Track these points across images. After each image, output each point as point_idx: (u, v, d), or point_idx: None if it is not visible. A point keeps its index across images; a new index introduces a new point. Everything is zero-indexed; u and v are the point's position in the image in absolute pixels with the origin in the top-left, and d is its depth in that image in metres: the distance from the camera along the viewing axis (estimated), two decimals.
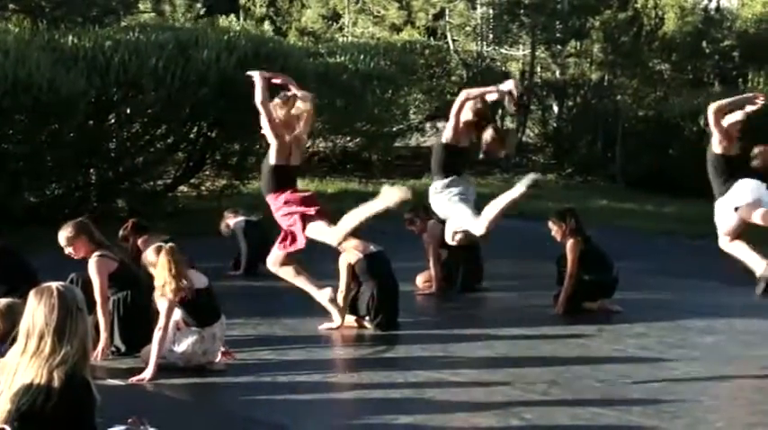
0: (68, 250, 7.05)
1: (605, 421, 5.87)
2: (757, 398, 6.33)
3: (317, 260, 9.35)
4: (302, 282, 7.37)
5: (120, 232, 8.57)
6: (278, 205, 7.08)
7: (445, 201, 7.05)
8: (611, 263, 8.72)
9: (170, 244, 6.73)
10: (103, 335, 6.82)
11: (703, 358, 7.29)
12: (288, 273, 7.31)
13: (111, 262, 6.98)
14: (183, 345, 6.67)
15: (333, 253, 8.20)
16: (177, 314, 6.70)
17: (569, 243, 8.55)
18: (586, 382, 6.62)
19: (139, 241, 8.33)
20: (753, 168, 7.45)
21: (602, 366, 6.98)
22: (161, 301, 6.53)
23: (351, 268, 7.99)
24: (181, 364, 6.64)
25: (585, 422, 5.88)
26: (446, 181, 7.11)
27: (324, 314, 7.95)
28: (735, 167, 7.37)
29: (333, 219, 7.57)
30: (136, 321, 6.91)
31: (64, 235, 7.04)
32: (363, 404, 6.29)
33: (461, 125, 7.14)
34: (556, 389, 6.50)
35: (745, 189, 7.19)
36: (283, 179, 7.11)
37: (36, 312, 3.88)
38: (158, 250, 6.62)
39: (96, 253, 6.93)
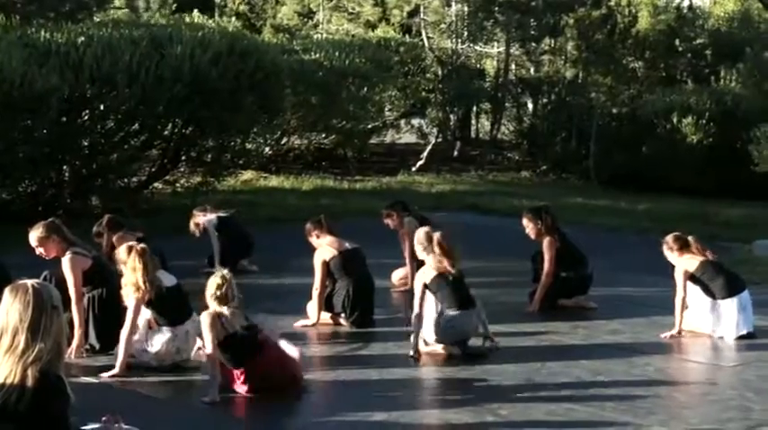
0: (39, 250, 7.00)
1: (579, 417, 5.91)
2: (730, 394, 6.38)
3: (293, 255, 9.36)
4: None
5: (95, 228, 8.51)
6: None
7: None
8: (586, 259, 8.75)
9: (141, 245, 6.71)
10: (78, 332, 6.78)
11: (677, 354, 7.34)
12: None
13: (85, 259, 6.94)
14: (156, 345, 6.64)
15: (309, 249, 8.20)
16: (148, 313, 6.69)
17: (546, 241, 8.56)
18: (561, 379, 6.65)
19: (114, 238, 8.27)
20: None
21: (577, 362, 7.01)
22: (128, 300, 6.52)
23: (326, 265, 7.98)
24: (154, 364, 6.62)
25: (560, 418, 5.91)
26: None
27: (300, 312, 7.94)
28: None
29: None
30: (111, 318, 6.87)
31: (35, 235, 7.00)
32: (339, 401, 6.29)
33: None
34: (531, 386, 6.52)
35: None
36: None
37: (10, 309, 3.85)
38: (129, 250, 6.60)
39: (70, 251, 6.89)
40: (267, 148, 17.57)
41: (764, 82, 17.35)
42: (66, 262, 6.87)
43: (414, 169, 18.27)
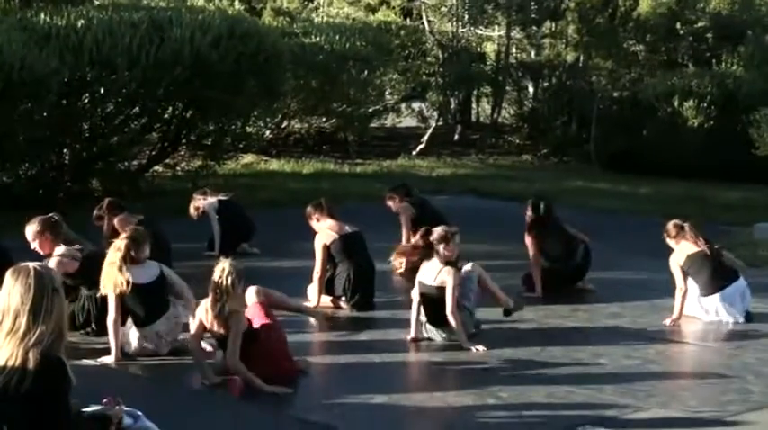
0: (34, 245, 6.97)
1: (579, 399, 5.92)
2: (730, 377, 6.40)
3: (293, 239, 9.36)
4: None
5: (95, 212, 8.50)
6: None
7: None
8: (575, 247, 8.74)
9: (126, 239, 6.60)
10: None
11: (677, 337, 7.36)
12: None
13: (72, 263, 6.82)
14: (132, 342, 6.63)
15: (309, 232, 8.21)
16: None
17: (528, 238, 8.62)
18: (561, 361, 6.67)
19: (115, 220, 8.27)
20: None
21: (577, 346, 7.03)
22: (106, 291, 6.48)
23: (326, 249, 7.99)
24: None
25: (560, 400, 5.93)
26: None
27: (300, 295, 7.95)
28: None
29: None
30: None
31: (30, 230, 6.97)
32: (339, 384, 6.31)
33: None
34: (531, 369, 6.54)
35: None
36: None
37: (12, 291, 3.86)
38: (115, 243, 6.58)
39: (57, 254, 6.81)
40: (267, 132, 17.56)
41: (766, 65, 17.29)
42: (50, 264, 6.80)
43: (414, 153, 18.26)
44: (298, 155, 17.50)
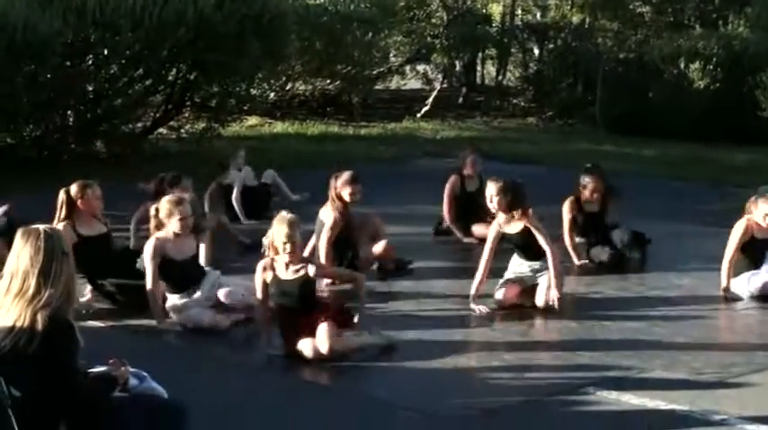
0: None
1: (584, 361, 5.94)
2: (732, 339, 6.42)
3: (299, 203, 9.34)
4: None
5: (152, 186, 8.18)
6: None
7: None
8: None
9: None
10: None
11: (680, 300, 7.36)
12: None
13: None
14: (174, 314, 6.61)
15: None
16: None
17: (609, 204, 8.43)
18: (565, 324, 6.68)
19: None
20: None
21: (582, 309, 7.04)
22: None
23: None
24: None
25: (564, 362, 5.95)
26: None
27: None
28: None
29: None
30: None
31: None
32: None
33: None
34: (535, 331, 6.56)
35: None
36: None
37: (21, 253, 3.87)
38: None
39: None
40: (272, 94, 17.50)
41: None
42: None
43: (419, 115, 18.19)
44: (302, 117, 17.44)
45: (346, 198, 7.53)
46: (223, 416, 5.01)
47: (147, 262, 6.41)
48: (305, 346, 5.80)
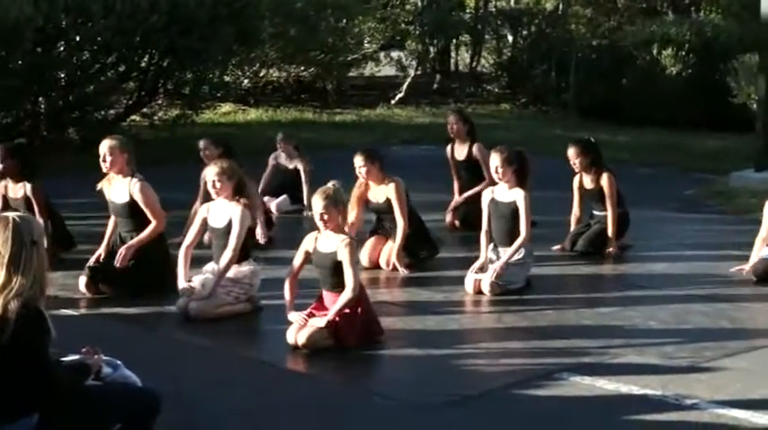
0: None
1: (558, 346, 5.97)
2: (704, 322, 6.45)
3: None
4: None
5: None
6: None
7: None
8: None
9: None
10: None
11: (653, 285, 7.40)
12: None
13: None
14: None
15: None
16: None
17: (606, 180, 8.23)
18: (540, 311, 6.69)
19: None
20: None
21: (557, 294, 7.08)
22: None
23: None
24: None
25: (540, 348, 5.97)
26: None
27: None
28: None
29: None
30: None
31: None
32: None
33: None
34: (511, 318, 6.58)
35: None
36: None
37: None
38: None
39: None
40: (246, 81, 17.41)
41: (743, 13, 17.24)
42: None
43: (393, 102, 18.17)
44: (276, 104, 17.37)
45: None
46: (202, 404, 5.00)
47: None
48: (290, 331, 5.80)
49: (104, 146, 6.97)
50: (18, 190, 7.60)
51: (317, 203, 5.88)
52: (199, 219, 6.70)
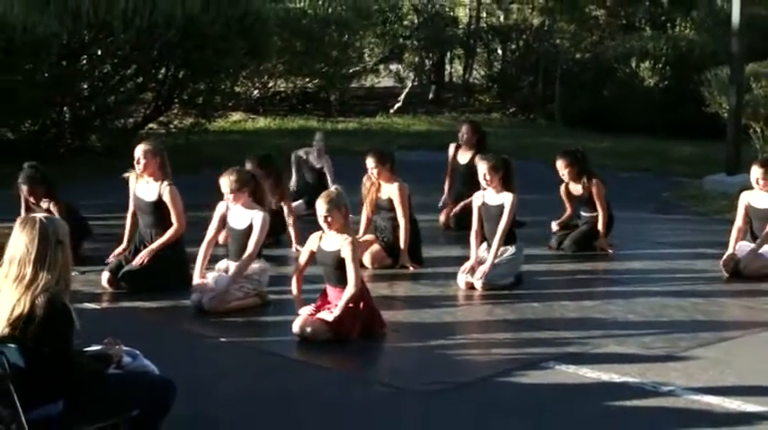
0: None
1: (545, 337, 5.98)
2: (679, 316, 6.46)
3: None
4: None
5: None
6: None
7: None
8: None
9: None
10: None
11: (632, 281, 7.41)
12: None
13: None
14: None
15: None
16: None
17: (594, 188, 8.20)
18: (528, 304, 6.70)
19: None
20: None
21: (541, 289, 7.08)
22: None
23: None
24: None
25: (527, 338, 5.98)
26: None
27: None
28: None
29: None
30: None
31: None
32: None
33: None
34: (500, 310, 6.58)
35: None
36: None
37: (18, 241, 3.83)
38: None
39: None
40: (255, 91, 17.44)
41: (716, 29, 17.26)
42: None
43: (392, 111, 18.17)
44: (283, 113, 17.38)
45: None
46: (214, 391, 5.00)
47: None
48: (296, 322, 5.79)
49: (139, 150, 6.91)
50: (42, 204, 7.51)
51: (321, 207, 5.88)
52: (217, 214, 6.64)
